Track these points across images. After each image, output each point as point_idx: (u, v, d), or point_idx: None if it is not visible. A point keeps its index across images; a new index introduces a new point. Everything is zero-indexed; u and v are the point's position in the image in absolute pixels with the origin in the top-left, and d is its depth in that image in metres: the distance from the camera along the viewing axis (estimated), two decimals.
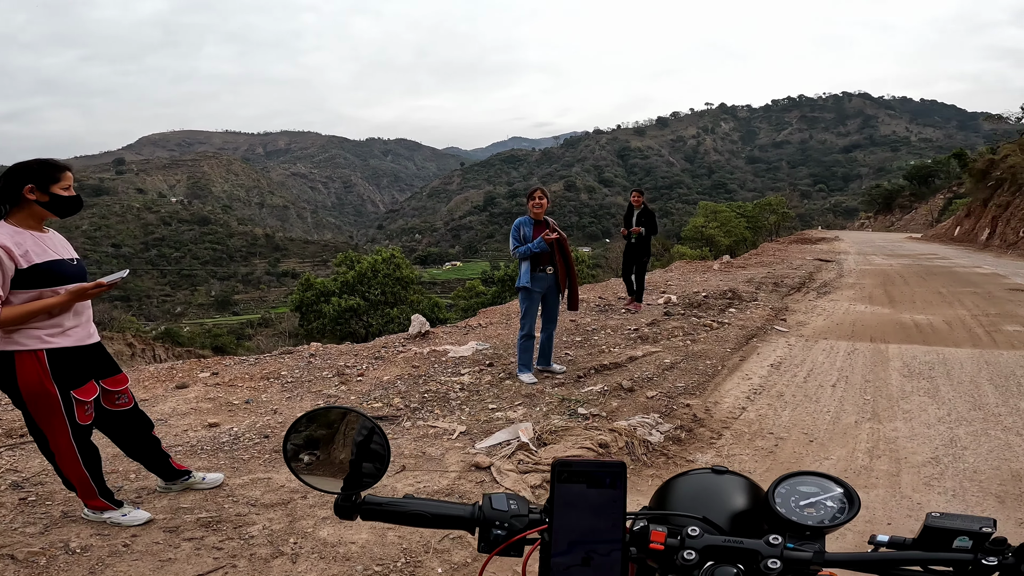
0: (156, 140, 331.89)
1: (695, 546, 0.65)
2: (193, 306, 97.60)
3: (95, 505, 2.81)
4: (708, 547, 0.65)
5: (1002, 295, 9.87)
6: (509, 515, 0.69)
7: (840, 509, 0.70)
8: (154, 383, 5.53)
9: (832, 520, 0.69)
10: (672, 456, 3.68)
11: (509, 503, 0.70)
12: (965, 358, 5.73)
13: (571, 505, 0.63)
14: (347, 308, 20.55)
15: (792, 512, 0.70)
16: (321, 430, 0.77)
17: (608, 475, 0.64)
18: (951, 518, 0.64)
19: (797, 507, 0.71)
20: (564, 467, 0.64)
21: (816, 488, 0.73)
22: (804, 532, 0.68)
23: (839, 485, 0.73)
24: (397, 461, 3.64)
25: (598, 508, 0.63)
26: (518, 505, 0.70)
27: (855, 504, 0.70)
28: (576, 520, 0.63)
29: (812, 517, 0.70)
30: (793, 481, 0.74)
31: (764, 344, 6.51)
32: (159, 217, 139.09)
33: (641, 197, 7.93)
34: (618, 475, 0.64)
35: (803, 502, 0.71)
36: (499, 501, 0.70)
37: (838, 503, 0.71)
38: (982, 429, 3.89)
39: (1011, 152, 26.87)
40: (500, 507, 0.70)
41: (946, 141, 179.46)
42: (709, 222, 38.71)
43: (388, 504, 0.75)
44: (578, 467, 0.64)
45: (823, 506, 0.71)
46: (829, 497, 0.72)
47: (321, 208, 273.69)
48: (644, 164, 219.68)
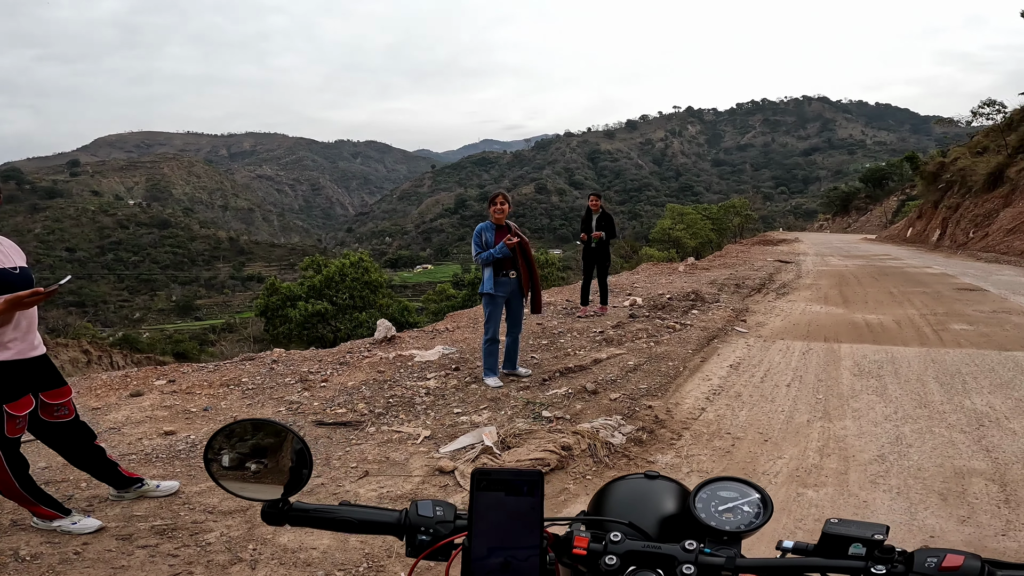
0: (113, 141, 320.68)
1: (616, 551, 0.68)
2: (153, 312, 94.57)
3: (41, 513, 2.77)
4: (629, 552, 0.68)
5: (950, 295, 10.33)
6: (434, 521, 0.71)
7: (756, 514, 0.73)
8: (107, 391, 5.37)
9: (748, 525, 0.72)
10: (634, 458, 3.75)
11: (435, 509, 0.72)
12: (913, 357, 5.98)
13: (490, 512, 0.65)
14: (314, 313, 20.24)
15: (711, 517, 0.73)
16: (244, 441, 0.79)
17: (525, 483, 0.66)
18: (847, 524, 0.67)
19: (716, 512, 0.74)
20: (483, 476, 0.66)
21: (735, 493, 0.76)
22: (722, 537, 0.71)
23: (756, 491, 0.76)
24: (360, 467, 3.63)
25: (516, 515, 0.65)
26: (444, 511, 0.72)
27: (769, 509, 0.73)
28: (495, 527, 0.65)
29: (730, 522, 0.72)
30: (715, 486, 0.77)
31: (724, 345, 6.68)
32: (116, 220, 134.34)
33: (599, 201, 7.74)
34: (535, 483, 0.66)
35: (722, 507, 0.74)
36: (425, 508, 0.73)
37: (755, 508, 0.74)
38: (927, 427, 4.04)
39: (961, 155, 28.17)
40: (426, 513, 0.72)
41: (900, 144, 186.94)
42: (676, 224, 39.39)
43: (316, 511, 0.77)
44: (496, 476, 0.66)
45: (740, 511, 0.74)
46: (747, 502, 0.75)
47: (288, 211, 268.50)
48: (614, 167, 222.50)
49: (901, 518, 2.87)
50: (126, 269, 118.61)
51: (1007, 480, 3.21)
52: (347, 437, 4.13)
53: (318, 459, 3.78)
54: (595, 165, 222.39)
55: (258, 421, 0.80)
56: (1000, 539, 2.67)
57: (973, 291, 10.70)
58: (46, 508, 2.77)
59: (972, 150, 27.68)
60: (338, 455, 3.83)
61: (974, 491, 3.11)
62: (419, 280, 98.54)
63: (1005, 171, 22.12)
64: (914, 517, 2.87)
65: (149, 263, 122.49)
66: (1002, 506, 2.94)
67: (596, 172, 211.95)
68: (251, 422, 0.80)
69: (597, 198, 7.73)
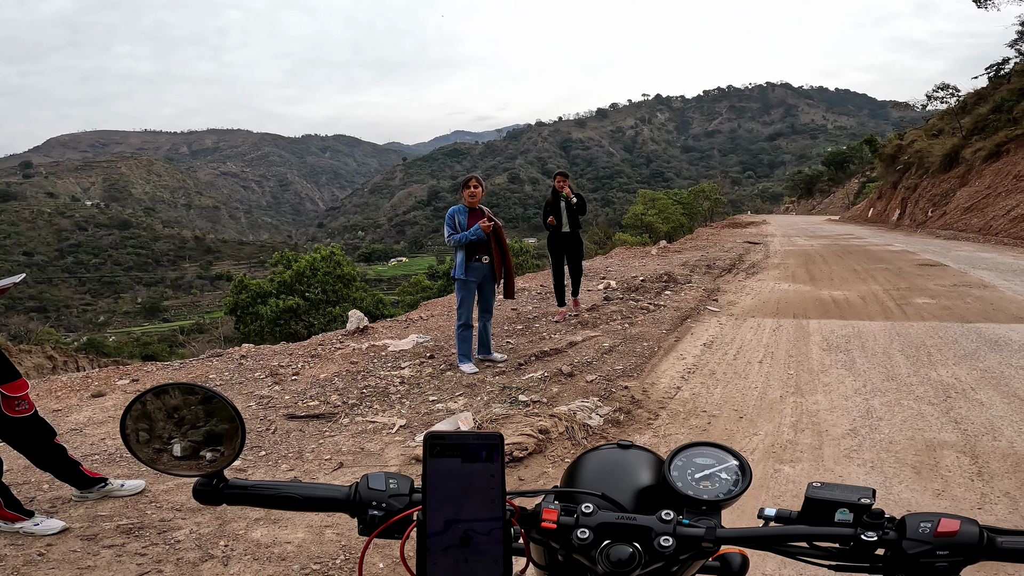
0: (66, 141, 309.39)
1: (588, 524, 0.63)
2: (118, 315, 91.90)
3: (5, 516, 2.75)
4: (602, 524, 0.63)
5: (911, 270, 10.65)
6: (387, 495, 0.65)
7: (735, 482, 0.69)
8: (68, 393, 5.17)
9: (727, 494, 0.67)
10: (611, 439, 3.76)
11: (388, 482, 0.66)
12: (878, 330, 6.13)
13: (445, 481, 0.59)
14: (286, 309, 19.85)
15: (688, 486, 0.69)
16: (168, 410, 0.71)
17: (484, 447, 0.60)
18: (831, 488, 0.63)
19: (693, 480, 0.70)
20: (436, 440, 0.60)
21: (712, 460, 0.72)
22: (701, 507, 0.67)
23: (734, 456, 0.72)
24: (334, 459, 3.56)
25: (475, 483, 0.59)
26: (398, 484, 0.66)
27: (747, 476, 0.69)
28: (452, 497, 0.59)
29: (708, 491, 0.68)
30: (690, 453, 0.73)
31: (697, 324, 6.75)
32: (74, 222, 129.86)
33: (566, 181, 6.61)
34: (495, 447, 0.60)
35: (699, 475, 0.70)
36: (376, 480, 0.66)
37: (733, 475, 0.70)
38: (896, 399, 4.12)
39: (917, 138, 29.03)
40: (377, 487, 0.66)
41: (859, 128, 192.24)
42: (648, 209, 39.80)
43: (255, 487, 0.70)
44: (452, 439, 0.60)
45: (718, 479, 0.70)
46: (724, 469, 0.70)
47: (256, 208, 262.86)
48: (586, 155, 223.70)
49: (877, 492, 2.90)
50: (87, 272, 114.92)
51: (978, 452, 3.25)
52: (320, 429, 4.04)
53: (290, 453, 3.69)
54: (567, 154, 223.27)
55: (183, 385, 0.72)
56: (977, 513, 2.66)
57: (933, 266, 11.05)
58: (8, 511, 2.74)
59: (928, 133, 28.58)
60: (311, 448, 3.74)
61: (946, 464, 3.14)
62: (394, 273, 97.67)
63: (960, 152, 22.87)
64: (889, 491, 2.89)
65: (111, 265, 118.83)
66: (975, 479, 2.97)
67: (568, 160, 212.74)
68: (175, 387, 0.72)
69: (564, 178, 6.64)
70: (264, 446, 3.80)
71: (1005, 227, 16.45)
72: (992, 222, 17.31)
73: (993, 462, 3.13)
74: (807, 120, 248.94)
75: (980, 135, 22.55)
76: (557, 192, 6.65)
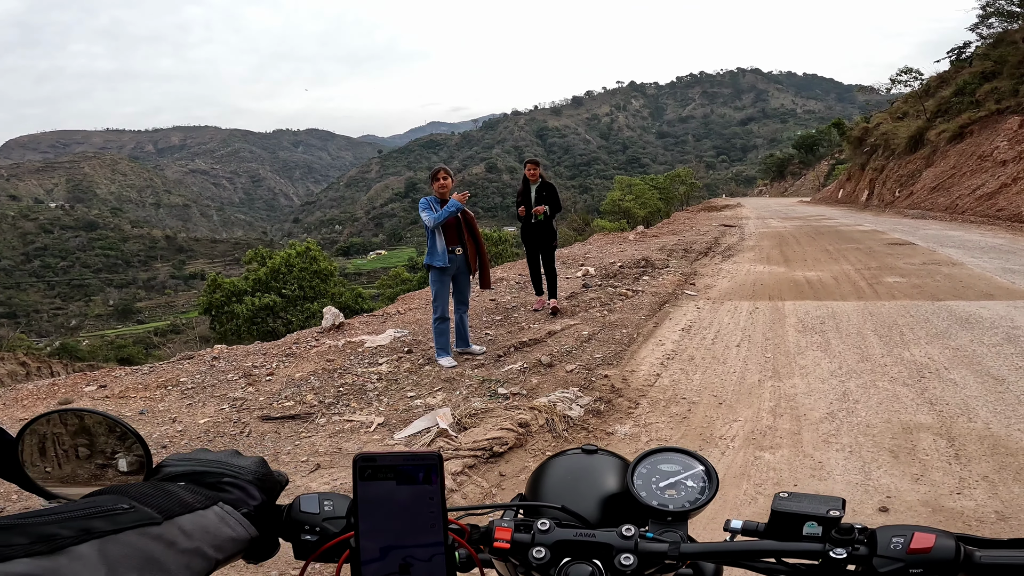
0: (25, 143, 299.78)
1: (545, 541, 0.59)
2: (90, 318, 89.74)
3: None
4: (560, 543, 0.60)
5: (881, 249, 10.85)
6: (321, 518, 0.60)
7: (701, 489, 0.66)
8: (34, 401, 4.98)
9: (693, 503, 0.65)
10: (592, 430, 3.73)
11: (323, 504, 0.61)
12: (851, 311, 6.22)
13: (378, 506, 0.55)
14: (262, 306, 19.52)
15: (653, 496, 0.65)
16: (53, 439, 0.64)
17: (420, 469, 0.56)
18: (799, 500, 0.60)
19: (658, 489, 0.66)
20: (367, 462, 0.55)
21: (677, 466, 0.68)
22: (666, 517, 0.64)
23: (699, 462, 0.68)
24: (311, 460, 3.47)
25: (411, 507, 0.55)
26: (333, 506, 0.61)
27: (714, 483, 0.66)
28: (387, 523, 0.55)
29: (673, 500, 0.65)
30: (654, 459, 0.70)
31: (676, 309, 6.78)
32: (38, 224, 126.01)
33: (538, 169, 6.35)
34: (432, 468, 0.56)
35: (663, 483, 0.67)
36: (309, 502, 0.61)
37: (699, 482, 0.66)
38: (871, 381, 4.14)
39: (883, 120, 29.65)
40: (309, 509, 0.60)
41: (827, 112, 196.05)
42: (625, 195, 39.99)
43: None
44: (383, 461, 0.55)
45: (684, 487, 0.66)
46: (690, 476, 0.67)
47: (228, 205, 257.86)
48: (562, 143, 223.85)
49: (856, 478, 2.88)
50: (55, 275, 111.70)
51: (954, 434, 3.26)
52: (296, 430, 3.95)
53: (266, 455, 3.59)
54: (544, 142, 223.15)
55: (69, 411, 0.65)
56: (956, 498, 2.66)
57: (903, 245, 11.27)
58: None
59: (893, 116, 29.19)
60: (287, 450, 3.65)
61: (923, 447, 3.14)
62: (373, 267, 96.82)
63: (925, 134, 23.42)
64: (868, 477, 2.88)
65: (79, 267, 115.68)
66: (952, 462, 2.97)
67: (545, 149, 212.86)
68: (58, 413, 0.65)
69: (535, 166, 6.37)
70: (238, 449, 3.69)
71: (971, 205, 16.87)
72: (958, 201, 17.75)
73: (970, 444, 3.14)
74: (777, 105, 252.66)
75: (944, 117, 23.09)
76: (527, 180, 6.41)
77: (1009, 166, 16.50)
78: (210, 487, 0.56)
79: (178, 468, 0.58)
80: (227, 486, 0.57)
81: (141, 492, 0.50)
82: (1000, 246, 10.61)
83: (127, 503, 0.47)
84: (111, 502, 0.47)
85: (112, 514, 0.45)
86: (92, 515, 0.44)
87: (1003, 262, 8.72)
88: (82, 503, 0.46)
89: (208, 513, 0.52)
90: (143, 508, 0.48)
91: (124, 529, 0.45)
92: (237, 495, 0.56)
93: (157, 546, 0.46)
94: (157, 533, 0.47)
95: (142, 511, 0.47)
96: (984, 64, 22.39)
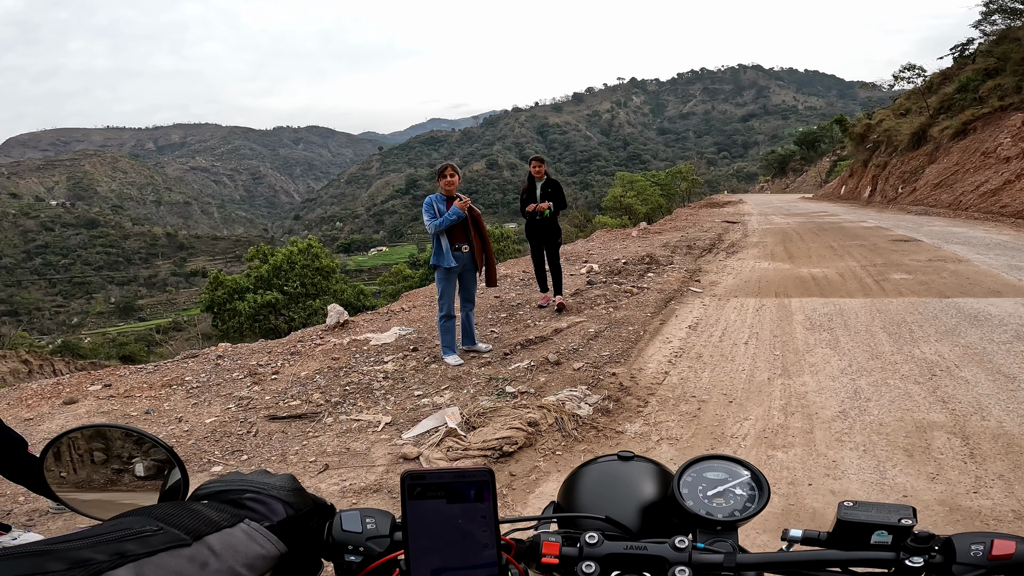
0: (25, 140, 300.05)
1: (595, 555, 0.58)
2: (92, 315, 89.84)
3: None
4: (610, 556, 0.58)
5: (886, 246, 10.80)
6: (364, 537, 0.58)
7: (750, 497, 0.65)
8: (38, 401, 4.96)
9: (743, 511, 0.63)
10: (602, 429, 3.70)
11: (365, 522, 0.59)
12: (859, 308, 6.18)
13: (429, 525, 0.53)
14: (264, 304, 19.50)
15: (700, 505, 0.64)
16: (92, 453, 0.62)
17: (471, 486, 0.54)
18: (865, 508, 0.58)
19: (705, 498, 0.65)
20: (416, 480, 0.54)
21: (724, 474, 0.67)
22: (715, 527, 0.62)
23: (746, 469, 0.67)
24: (320, 460, 3.45)
25: (463, 526, 0.53)
26: (377, 524, 0.59)
27: (765, 491, 0.64)
28: (438, 542, 0.53)
29: (722, 509, 0.64)
30: (699, 467, 0.68)
31: (681, 306, 6.75)
32: (39, 223, 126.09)
33: (543, 166, 6.40)
34: (484, 484, 0.54)
35: (711, 491, 0.65)
36: (351, 521, 0.59)
37: (747, 490, 0.65)
38: (882, 379, 4.11)
39: (885, 117, 29.53)
40: (352, 528, 0.58)
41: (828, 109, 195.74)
42: (627, 192, 39.89)
43: None
44: (433, 478, 0.54)
45: (732, 495, 0.65)
46: (738, 484, 0.66)
47: (229, 202, 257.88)
48: (563, 139, 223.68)
49: (871, 477, 2.85)
50: (56, 273, 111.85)
51: (968, 433, 3.23)
52: (303, 430, 3.92)
53: (274, 455, 3.57)
54: (545, 139, 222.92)
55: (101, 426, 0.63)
56: (973, 497, 2.64)
57: (907, 242, 11.23)
58: None
59: (896, 112, 29.09)
60: (295, 450, 3.63)
61: (938, 446, 3.11)
62: (374, 263, 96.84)
63: (928, 131, 23.33)
64: (884, 476, 2.85)
65: (81, 265, 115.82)
66: (968, 461, 2.94)
67: (546, 145, 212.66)
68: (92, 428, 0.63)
69: (540, 163, 6.42)
70: (246, 450, 3.68)
71: (975, 202, 16.80)
72: (962, 197, 17.67)
73: (984, 443, 3.10)
74: (778, 101, 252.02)
75: (947, 114, 22.99)
76: (533, 177, 6.42)
77: (1013, 163, 16.43)
78: (232, 504, 0.54)
79: (205, 489, 0.57)
80: (249, 502, 0.55)
81: (166, 513, 0.48)
82: (1005, 242, 10.56)
83: (154, 524, 0.46)
84: (138, 524, 0.46)
85: (142, 536, 0.44)
86: (123, 538, 0.43)
87: (1009, 258, 8.68)
88: (109, 525, 0.45)
89: (235, 531, 0.50)
90: (171, 529, 0.46)
91: (157, 551, 0.44)
92: (260, 510, 0.55)
93: (190, 567, 0.45)
94: (189, 554, 0.45)
95: (171, 532, 0.46)
96: (987, 61, 22.27)
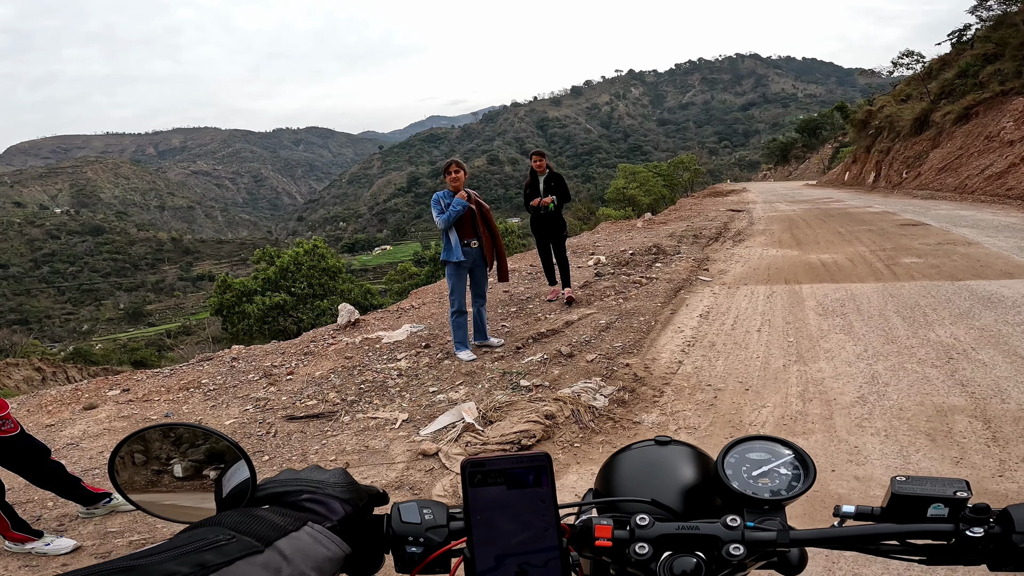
0: (26, 148, 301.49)
1: (647, 536, 0.58)
2: (102, 322, 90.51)
3: (13, 538, 2.73)
4: (662, 536, 0.58)
5: (894, 230, 10.74)
6: (424, 528, 0.59)
7: (795, 476, 0.64)
8: (59, 407, 5.01)
9: (789, 490, 0.63)
10: (619, 420, 3.71)
11: (422, 513, 0.60)
12: (871, 292, 6.15)
13: (490, 512, 0.54)
14: (272, 306, 19.58)
15: (746, 485, 0.64)
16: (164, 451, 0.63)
17: (530, 471, 0.55)
18: (919, 482, 0.59)
19: (750, 478, 0.65)
20: (476, 468, 0.55)
21: (767, 454, 0.67)
22: (762, 506, 0.62)
23: (789, 448, 0.67)
24: (340, 459, 3.48)
25: (524, 511, 0.54)
26: (433, 514, 0.60)
27: (811, 470, 0.64)
28: (500, 528, 0.54)
29: (767, 488, 0.64)
30: (742, 448, 0.68)
31: (691, 295, 6.74)
32: (45, 231, 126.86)
33: (544, 160, 6.31)
34: (542, 469, 0.55)
35: (755, 472, 0.65)
36: (409, 512, 0.60)
37: (791, 469, 0.65)
38: (899, 363, 4.09)
39: (886, 103, 29.33)
40: (411, 519, 0.59)
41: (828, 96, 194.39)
42: (629, 183, 39.79)
43: None
44: (492, 465, 0.55)
45: (777, 474, 0.65)
46: (782, 463, 0.66)
47: (232, 205, 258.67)
48: (563, 133, 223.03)
49: (895, 462, 2.84)
50: (64, 280, 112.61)
51: (989, 416, 3.22)
52: (321, 429, 3.95)
53: (294, 455, 3.60)
54: (545, 133, 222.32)
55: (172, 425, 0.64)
56: (999, 480, 2.64)
57: (916, 226, 11.16)
58: (16, 531, 2.72)
59: (896, 98, 28.89)
60: (315, 449, 3.66)
61: (960, 430, 3.10)
62: (379, 262, 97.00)
63: (930, 116, 23.21)
64: (908, 460, 2.85)
65: (88, 272, 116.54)
66: (991, 444, 2.93)
67: (547, 139, 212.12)
68: (163, 427, 0.64)
69: (541, 157, 6.35)
70: (266, 450, 3.71)
71: (981, 185, 16.66)
72: (967, 181, 17.53)
73: (1006, 426, 3.09)
74: (777, 89, 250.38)
75: (948, 99, 22.83)
76: (535, 172, 6.36)
77: (1017, 146, 16.28)
78: (292, 507, 0.55)
79: (262, 491, 0.57)
80: (308, 503, 0.55)
81: (235, 521, 0.49)
82: (1014, 225, 10.48)
83: (227, 533, 0.47)
84: (212, 534, 0.46)
85: (218, 546, 0.45)
86: (201, 549, 0.44)
87: (1019, 240, 8.62)
88: (184, 537, 0.46)
89: (301, 535, 0.51)
90: (243, 537, 0.47)
91: (234, 560, 0.44)
92: (320, 511, 0.55)
93: (265, 574, 0.45)
94: (263, 561, 0.46)
95: (244, 540, 0.46)
96: (985, 46, 22.09)
